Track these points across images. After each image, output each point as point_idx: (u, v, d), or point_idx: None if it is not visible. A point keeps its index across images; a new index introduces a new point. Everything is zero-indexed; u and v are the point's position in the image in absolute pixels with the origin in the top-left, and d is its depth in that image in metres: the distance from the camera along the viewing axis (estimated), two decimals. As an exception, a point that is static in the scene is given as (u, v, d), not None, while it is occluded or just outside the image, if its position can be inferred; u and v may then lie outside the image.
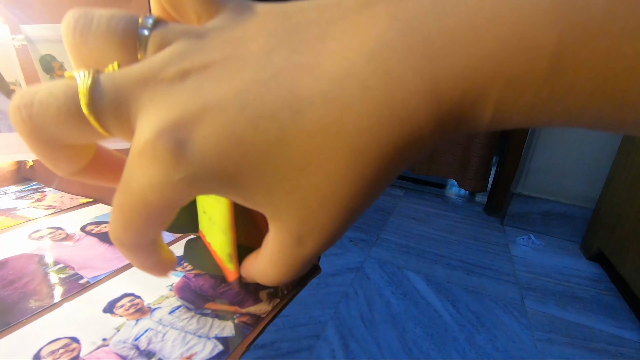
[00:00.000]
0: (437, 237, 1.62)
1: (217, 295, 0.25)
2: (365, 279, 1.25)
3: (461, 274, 1.35)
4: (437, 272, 1.34)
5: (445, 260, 1.44)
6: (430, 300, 1.18)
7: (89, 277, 0.26)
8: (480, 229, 1.74)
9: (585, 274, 1.42)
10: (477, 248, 1.55)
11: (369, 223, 1.69)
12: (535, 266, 1.45)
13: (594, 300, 1.27)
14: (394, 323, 1.05)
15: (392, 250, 1.46)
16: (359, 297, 1.15)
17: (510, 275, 1.37)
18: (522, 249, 1.58)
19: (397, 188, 2.17)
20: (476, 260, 1.45)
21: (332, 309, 1.09)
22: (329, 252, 1.39)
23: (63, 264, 0.27)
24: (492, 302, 1.20)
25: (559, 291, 1.30)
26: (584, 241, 1.58)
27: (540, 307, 1.20)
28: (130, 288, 0.25)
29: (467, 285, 1.28)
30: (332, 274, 1.27)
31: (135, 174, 0.11)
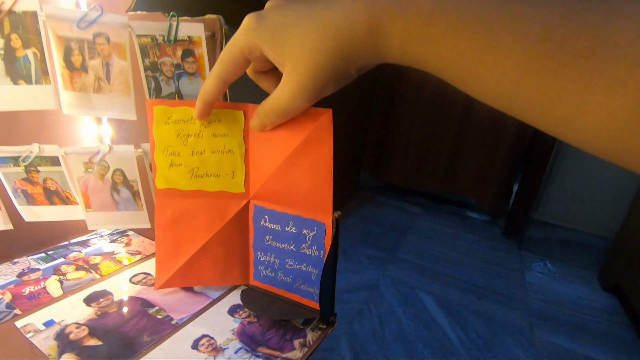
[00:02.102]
0: (452, 258, 1.67)
1: (265, 341, 0.35)
2: (380, 298, 1.33)
3: (473, 297, 1.40)
4: (449, 295, 1.40)
5: (458, 282, 1.49)
6: (441, 322, 1.25)
7: (177, 318, 0.37)
8: (496, 252, 1.77)
9: (600, 305, 1.44)
10: (491, 272, 1.59)
11: (386, 241, 1.76)
12: (548, 294, 1.47)
13: (605, 333, 1.28)
14: (404, 342, 1.13)
15: (407, 270, 1.53)
16: (372, 315, 1.24)
17: (522, 302, 1.41)
18: (537, 275, 1.61)
19: (415, 205, 2.22)
20: (489, 284, 1.50)
21: (347, 325, 1.18)
22: (346, 269, 1.48)
23: (158, 307, 0.38)
24: (501, 329, 1.25)
25: (570, 321, 1.32)
26: (601, 271, 1.59)
27: (549, 336, 1.24)
28: (207, 330, 0.36)
29: (478, 309, 1.34)
30: (349, 290, 1.36)
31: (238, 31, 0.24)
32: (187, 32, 0.35)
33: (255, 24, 0.23)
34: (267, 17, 0.23)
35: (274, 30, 0.23)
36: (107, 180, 0.40)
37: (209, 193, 0.35)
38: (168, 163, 0.33)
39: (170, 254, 0.37)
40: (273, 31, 0.23)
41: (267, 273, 0.39)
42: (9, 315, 0.36)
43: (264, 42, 0.23)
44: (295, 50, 0.22)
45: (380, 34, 0.20)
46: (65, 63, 0.35)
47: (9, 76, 0.34)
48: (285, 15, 0.23)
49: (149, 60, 0.36)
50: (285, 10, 0.23)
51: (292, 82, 0.23)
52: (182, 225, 0.36)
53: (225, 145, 0.33)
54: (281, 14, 0.23)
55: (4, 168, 0.37)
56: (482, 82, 0.18)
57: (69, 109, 0.37)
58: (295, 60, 0.22)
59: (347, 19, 0.20)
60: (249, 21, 0.24)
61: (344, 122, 1.80)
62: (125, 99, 0.37)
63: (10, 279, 0.41)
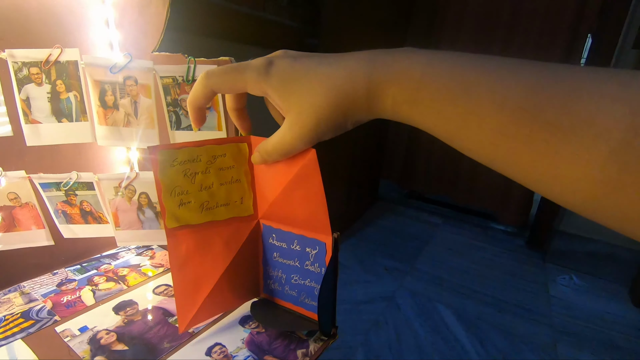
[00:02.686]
0: (472, 270, 1.64)
1: (271, 350, 0.38)
2: (396, 309, 1.34)
3: (493, 311, 1.38)
4: (468, 307, 1.38)
5: (478, 295, 1.47)
6: (459, 336, 1.23)
7: (193, 327, 0.41)
8: (519, 265, 1.72)
9: (630, 321, 1.37)
10: (513, 285, 1.56)
11: (404, 251, 1.76)
12: (573, 309, 1.42)
13: (636, 350, 1.23)
14: (421, 355, 1.13)
15: (425, 282, 1.53)
16: (388, 326, 1.25)
17: (545, 316, 1.37)
18: (561, 289, 1.56)
19: (435, 215, 2.19)
20: (510, 297, 1.46)
21: (363, 336, 1.19)
22: (363, 280, 1.50)
23: (176, 316, 0.43)
24: (522, 344, 1.22)
25: (597, 338, 1.28)
26: (633, 286, 1.52)
27: (574, 353, 1.20)
28: (219, 339, 0.40)
29: (498, 323, 1.31)
30: (365, 301, 1.37)
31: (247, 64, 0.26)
32: (202, 72, 0.40)
33: (265, 70, 0.25)
34: (278, 66, 0.25)
35: (283, 79, 0.25)
36: (134, 202, 0.45)
37: (220, 222, 0.37)
38: (177, 203, 0.34)
39: (191, 292, 0.37)
40: (282, 80, 0.25)
41: (275, 287, 0.43)
42: (50, 321, 0.41)
43: (272, 89, 0.26)
44: (301, 102, 0.25)
45: (376, 97, 0.23)
46: (100, 102, 0.40)
47: (54, 115, 0.39)
48: (294, 68, 0.25)
49: (171, 97, 0.41)
50: (295, 63, 0.25)
51: (295, 128, 0.26)
52: (200, 258, 0.37)
53: (233, 176, 0.35)
54: (291, 65, 0.25)
55: (48, 192, 0.43)
56: (464, 141, 0.21)
57: (103, 141, 0.42)
58: (300, 111, 0.25)
59: (349, 81, 0.23)
60: (260, 65, 0.26)
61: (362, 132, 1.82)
62: (150, 132, 0.42)
63: (51, 288, 0.47)
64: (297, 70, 0.25)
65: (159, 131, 0.43)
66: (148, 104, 0.41)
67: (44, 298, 0.45)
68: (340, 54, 0.25)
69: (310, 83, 0.24)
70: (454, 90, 0.20)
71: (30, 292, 0.46)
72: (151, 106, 0.41)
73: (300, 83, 0.25)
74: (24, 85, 0.38)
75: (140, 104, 0.41)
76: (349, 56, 0.24)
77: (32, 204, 0.43)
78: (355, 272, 1.55)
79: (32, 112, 0.39)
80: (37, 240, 0.45)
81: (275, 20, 1.24)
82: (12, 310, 0.42)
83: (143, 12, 0.47)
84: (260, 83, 0.26)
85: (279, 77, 0.25)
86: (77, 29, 0.48)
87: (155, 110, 0.41)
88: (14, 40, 0.41)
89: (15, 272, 0.48)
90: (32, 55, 0.37)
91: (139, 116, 0.41)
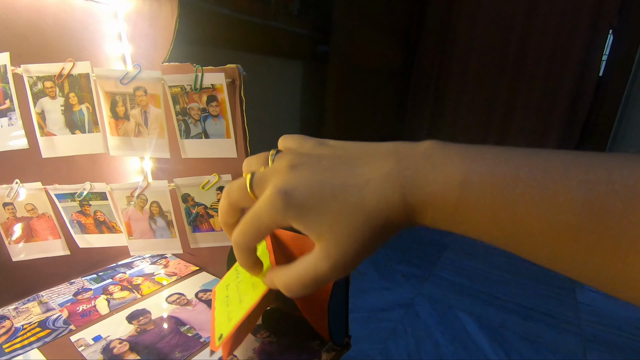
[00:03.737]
0: (494, 276, 1.59)
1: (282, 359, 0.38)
2: (415, 317, 1.30)
3: (517, 318, 1.33)
4: (490, 315, 1.33)
5: (501, 302, 1.42)
6: (481, 345, 1.19)
7: (205, 336, 0.41)
8: (544, 270, 1.65)
9: (667, 329, 1.30)
10: (538, 291, 1.49)
11: (422, 257, 1.72)
12: (604, 316, 1.35)
13: (674, 361, 1.16)
14: (441, 365, 1.10)
15: (445, 288, 1.49)
16: (407, 335, 1.21)
17: (573, 324, 1.31)
18: (590, 295, 1.49)
19: (455, 220, 2.15)
20: (536, 304, 1.41)
21: (381, 344, 1.17)
22: (380, 287, 1.47)
23: (189, 325, 0.43)
24: (549, 353, 1.17)
25: (630, 347, 1.21)
26: (668, 292, 1.44)
27: (605, 363, 1.14)
28: (230, 348, 0.39)
29: (523, 331, 1.26)
30: (383, 309, 1.34)
31: (259, 205, 0.23)
32: (210, 80, 0.40)
33: (283, 205, 0.22)
34: (296, 195, 0.22)
35: (304, 210, 0.22)
36: (145, 211, 0.46)
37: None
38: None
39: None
40: (304, 211, 0.22)
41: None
42: (65, 330, 0.42)
43: (293, 220, 0.23)
44: (336, 233, 0.22)
45: (414, 218, 0.22)
46: (111, 113, 0.41)
47: (68, 127, 0.40)
48: (315, 196, 0.22)
49: (180, 106, 0.42)
50: (313, 189, 0.22)
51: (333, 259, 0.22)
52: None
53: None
54: (310, 191, 0.22)
55: (63, 203, 0.44)
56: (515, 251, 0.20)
57: (115, 151, 0.43)
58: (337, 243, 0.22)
59: (385, 208, 0.21)
60: (275, 201, 0.22)
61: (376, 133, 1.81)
62: (160, 141, 0.42)
63: (67, 297, 0.48)
64: (319, 199, 0.22)
65: (169, 140, 0.43)
66: (157, 114, 0.41)
67: (60, 307, 0.45)
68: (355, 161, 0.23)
69: (341, 214, 0.22)
70: (497, 211, 0.18)
71: (48, 302, 0.47)
72: (160, 115, 0.41)
73: (329, 214, 0.22)
74: (38, 98, 0.39)
75: (150, 113, 0.41)
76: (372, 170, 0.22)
77: (48, 215, 0.44)
78: (372, 279, 1.52)
79: (47, 125, 0.40)
80: (53, 250, 0.46)
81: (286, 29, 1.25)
82: (30, 319, 0.43)
83: (153, 25, 0.48)
84: (278, 220, 0.23)
85: (299, 208, 0.22)
86: (90, 44, 0.49)
87: (164, 119, 0.42)
88: (30, 56, 0.42)
89: (34, 281, 0.49)
90: (46, 69, 0.39)
91: (149, 126, 0.42)
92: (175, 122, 0.42)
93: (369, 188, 0.21)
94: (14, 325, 0.42)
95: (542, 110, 1.77)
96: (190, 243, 0.48)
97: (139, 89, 0.40)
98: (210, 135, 0.42)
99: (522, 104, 1.81)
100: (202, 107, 0.41)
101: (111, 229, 0.48)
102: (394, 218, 0.21)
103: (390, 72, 1.87)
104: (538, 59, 1.74)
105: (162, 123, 0.42)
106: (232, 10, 1.01)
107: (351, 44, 1.42)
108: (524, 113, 1.81)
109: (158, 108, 0.41)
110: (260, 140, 1.37)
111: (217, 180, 0.44)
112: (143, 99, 0.41)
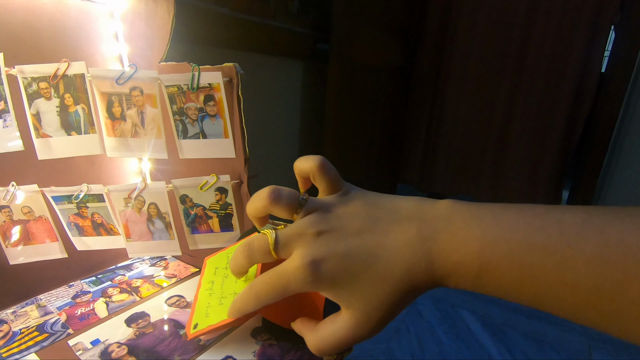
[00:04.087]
0: (496, 275, 1.58)
1: (283, 363, 0.37)
2: (418, 316, 1.30)
3: (521, 317, 1.32)
4: (494, 314, 1.33)
5: (504, 301, 1.41)
6: (485, 344, 1.18)
7: (205, 340, 0.40)
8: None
9: (673, 327, 1.29)
10: (541, 289, 1.49)
11: (425, 257, 1.71)
12: (608, 314, 1.35)
13: (680, 359, 1.15)
14: (445, 364, 1.09)
15: (447, 287, 1.48)
16: (410, 334, 1.21)
17: (577, 322, 1.30)
18: (594, 293, 1.48)
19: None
20: (539, 303, 1.40)
21: (384, 344, 1.16)
22: (383, 287, 1.46)
23: (187, 326, 0.42)
24: (554, 352, 1.16)
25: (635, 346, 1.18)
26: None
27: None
28: (230, 351, 0.39)
29: (527, 330, 1.25)
30: (386, 308, 1.34)
31: (288, 274, 0.23)
32: (207, 79, 0.39)
33: (313, 277, 0.23)
34: (326, 267, 0.23)
35: (335, 282, 0.23)
36: (143, 213, 0.45)
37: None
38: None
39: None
40: (334, 283, 0.23)
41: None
42: (63, 334, 0.41)
43: (323, 291, 0.24)
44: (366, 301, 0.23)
45: (438, 283, 0.23)
46: (107, 114, 0.41)
47: (64, 128, 0.40)
48: (344, 267, 0.23)
49: (177, 106, 0.41)
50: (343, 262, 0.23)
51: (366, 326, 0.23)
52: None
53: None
54: (340, 263, 0.23)
55: (60, 205, 0.44)
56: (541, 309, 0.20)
57: (112, 152, 0.42)
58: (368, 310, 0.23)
59: (411, 274, 0.22)
60: (305, 273, 0.23)
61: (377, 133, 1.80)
62: (157, 142, 0.42)
63: (66, 300, 0.47)
64: (348, 271, 0.23)
65: (166, 141, 0.42)
66: (154, 114, 0.41)
67: (59, 311, 0.45)
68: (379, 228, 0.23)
69: (371, 286, 0.23)
70: (518, 277, 0.19)
71: (47, 305, 0.46)
72: (157, 115, 0.41)
73: (359, 286, 0.23)
74: (33, 100, 0.38)
75: (147, 114, 0.41)
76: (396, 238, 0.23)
77: (45, 217, 0.44)
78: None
79: (42, 127, 0.39)
80: (51, 253, 0.46)
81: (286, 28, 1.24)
82: (28, 323, 0.43)
83: (149, 24, 0.47)
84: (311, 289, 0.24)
85: (331, 283, 0.23)
86: (87, 44, 0.49)
87: (161, 119, 0.41)
88: (25, 57, 0.42)
89: (33, 285, 0.49)
90: (41, 70, 0.38)
91: (146, 126, 0.41)
92: (172, 122, 0.42)
93: (396, 259, 0.22)
94: (11, 329, 0.42)
95: (544, 108, 1.75)
96: (189, 245, 0.48)
97: (135, 89, 0.40)
98: (208, 135, 0.42)
99: (524, 102, 1.80)
100: (200, 106, 0.41)
101: (109, 231, 0.47)
102: (420, 285, 0.22)
103: (391, 71, 1.86)
104: (539, 56, 1.73)
105: (159, 123, 0.41)
106: (230, 9, 1.01)
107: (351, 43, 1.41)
108: (526, 111, 1.80)
109: (155, 108, 0.41)
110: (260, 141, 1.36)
111: (216, 181, 0.43)
112: (139, 99, 0.40)
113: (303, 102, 1.43)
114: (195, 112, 0.41)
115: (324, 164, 0.28)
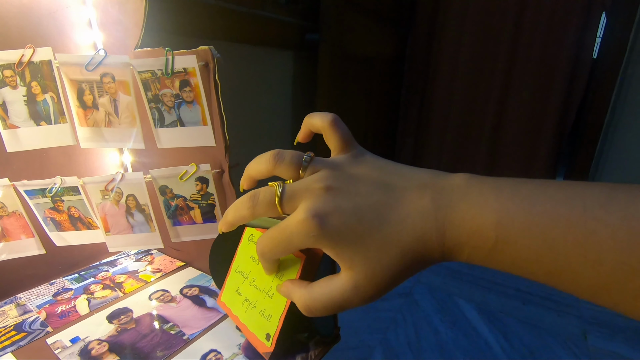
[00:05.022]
0: (492, 262, 1.59)
1: (268, 355, 0.36)
2: (414, 305, 1.30)
3: (517, 303, 1.32)
4: (490, 301, 1.33)
5: (500, 288, 1.41)
6: (481, 331, 1.18)
7: (189, 334, 0.39)
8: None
9: (667, 309, 1.30)
10: (536, 275, 1.49)
11: (421, 246, 1.71)
12: (603, 298, 1.35)
13: (674, 340, 1.16)
14: (442, 352, 1.09)
15: (443, 276, 1.48)
16: (407, 324, 1.21)
17: (573, 307, 1.31)
18: (589, 277, 1.48)
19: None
20: (535, 289, 1.40)
21: (381, 334, 1.16)
22: (379, 277, 1.46)
23: (172, 323, 0.41)
24: (550, 337, 1.16)
25: (630, 327, 1.20)
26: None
27: (605, 344, 1.13)
28: (215, 345, 0.38)
29: (523, 316, 1.26)
30: (382, 298, 1.33)
31: (291, 227, 0.22)
32: (182, 64, 0.38)
33: (317, 231, 0.21)
34: (331, 222, 0.22)
35: (338, 239, 0.22)
36: (122, 205, 0.43)
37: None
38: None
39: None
40: (337, 240, 0.22)
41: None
42: (42, 332, 0.40)
43: (325, 247, 0.22)
44: (369, 264, 0.22)
45: (449, 256, 0.21)
46: (79, 102, 0.39)
47: (32, 119, 0.38)
48: (350, 225, 0.22)
49: (151, 93, 0.39)
50: (350, 220, 0.22)
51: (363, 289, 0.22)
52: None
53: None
54: (346, 220, 0.22)
55: (34, 200, 0.42)
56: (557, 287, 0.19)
57: (86, 143, 0.40)
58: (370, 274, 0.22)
59: (421, 245, 0.21)
60: (309, 226, 0.22)
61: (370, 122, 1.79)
62: (132, 130, 0.40)
63: (46, 298, 0.46)
64: (354, 229, 0.22)
65: (142, 129, 0.41)
66: (128, 101, 0.39)
67: (38, 309, 0.43)
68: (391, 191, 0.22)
69: (376, 249, 0.21)
70: (536, 251, 0.18)
71: (26, 304, 0.45)
72: (131, 103, 0.39)
73: (364, 247, 0.21)
74: (-2, 89, 0.36)
75: (120, 101, 0.39)
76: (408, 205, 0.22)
77: (19, 213, 0.42)
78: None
79: (10, 117, 0.37)
80: (27, 250, 0.44)
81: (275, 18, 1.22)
82: (6, 322, 0.41)
83: (122, 10, 0.45)
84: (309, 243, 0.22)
85: (335, 239, 0.22)
86: (58, 32, 0.46)
87: (136, 107, 0.39)
88: (-9, 46, 0.40)
89: (12, 283, 0.47)
90: (4, 57, 0.36)
91: (119, 115, 0.39)
92: (148, 110, 0.40)
93: (406, 225, 0.21)
94: (-12, 329, 0.40)
95: (537, 94, 1.74)
96: (172, 237, 0.46)
97: (106, 75, 0.38)
98: (186, 123, 0.40)
99: (517, 88, 1.78)
100: (175, 93, 0.39)
101: (88, 225, 0.45)
102: (429, 256, 0.21)
103: (383, 60, 1.84)
104: (531, 43, 1.71)
105: (134, 111, 0.40)
106: (215, -2, 0.98)
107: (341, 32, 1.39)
108: (519, 97, 1.79)
109: (128, 95, 0.39)
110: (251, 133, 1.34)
111: (196, 170, 0.42)
112: (111, 86, 0.38)
113: (294, 93, 1.41)
114: (171, 99, 0.39)
115: (337, 120, 0.27)
